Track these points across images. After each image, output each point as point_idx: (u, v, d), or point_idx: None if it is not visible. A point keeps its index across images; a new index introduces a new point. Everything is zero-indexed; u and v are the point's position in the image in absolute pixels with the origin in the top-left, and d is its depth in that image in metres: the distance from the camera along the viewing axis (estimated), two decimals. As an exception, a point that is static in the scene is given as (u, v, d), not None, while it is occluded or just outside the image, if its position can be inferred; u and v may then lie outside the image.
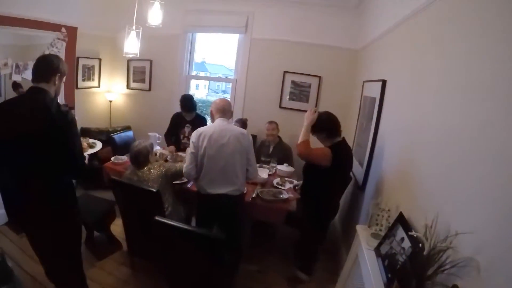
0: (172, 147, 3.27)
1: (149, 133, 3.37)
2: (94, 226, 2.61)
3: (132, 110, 4.52)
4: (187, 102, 3.21)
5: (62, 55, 3.47)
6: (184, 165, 2.11)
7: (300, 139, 2.21)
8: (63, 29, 3.45)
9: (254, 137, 3.90)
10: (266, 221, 2.62)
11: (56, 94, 1.61)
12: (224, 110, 2.16)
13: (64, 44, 3.48)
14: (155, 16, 2.30)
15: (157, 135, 3.40)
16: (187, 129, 3.35)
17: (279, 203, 2.40)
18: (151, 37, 4.06)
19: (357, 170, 2.68)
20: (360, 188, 2.51)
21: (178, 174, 2.29)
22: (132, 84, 4.40)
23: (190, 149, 2.07)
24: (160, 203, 2.08)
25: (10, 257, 2.20)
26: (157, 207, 2.07)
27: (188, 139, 3.35)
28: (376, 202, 1.75)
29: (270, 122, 3.39)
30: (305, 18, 3.62)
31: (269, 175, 2.90)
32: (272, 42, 3.78)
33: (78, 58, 3.83)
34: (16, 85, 3.11)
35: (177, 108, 3.41)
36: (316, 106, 3.76)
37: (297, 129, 3.72)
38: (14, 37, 3.13)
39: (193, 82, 4.47)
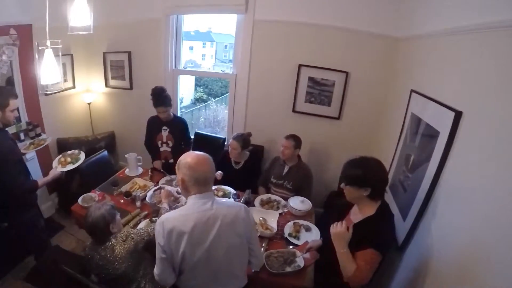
0: (157, 162, 2.78)
1: (126, 155, 2.74)
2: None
3: (114, 112, 3.80)
4: (160, 92, 2.61)
5: (15, 63, 2.75)
6: (155, 270, 1.37)
7: (349, 267, 1.41)
8: (12, 31, 2.64)
9: (261, 149, 3.16)
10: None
11: (5, 125, 1.92)
12: (207, 179, 1.33)
13: (16, 49, 2.71)
14: (80, 16, 1.57)
15: (137, 156, 2.74)
16: (164, 133, 2.76)
17: (290, 277, 1.78)
18: (127, 24, 3.24)
19: (397, 220, 1.96)
20: (399, 248, 1.83)
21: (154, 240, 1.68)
22: (111, 82, 3.61)
23: (158, 252, 1.31)
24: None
25: None
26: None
27: (167, 145, 2.76)
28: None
29: (287, 137, 2.55)
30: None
31: (280, 214, 2.28)
32: (283, 25, 2.81)
33: (41, 59, 3.07)
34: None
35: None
36: (340, 111, 2.90)
37: (314, 141, 3.03)
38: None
39: (196, 46, 3.56)
